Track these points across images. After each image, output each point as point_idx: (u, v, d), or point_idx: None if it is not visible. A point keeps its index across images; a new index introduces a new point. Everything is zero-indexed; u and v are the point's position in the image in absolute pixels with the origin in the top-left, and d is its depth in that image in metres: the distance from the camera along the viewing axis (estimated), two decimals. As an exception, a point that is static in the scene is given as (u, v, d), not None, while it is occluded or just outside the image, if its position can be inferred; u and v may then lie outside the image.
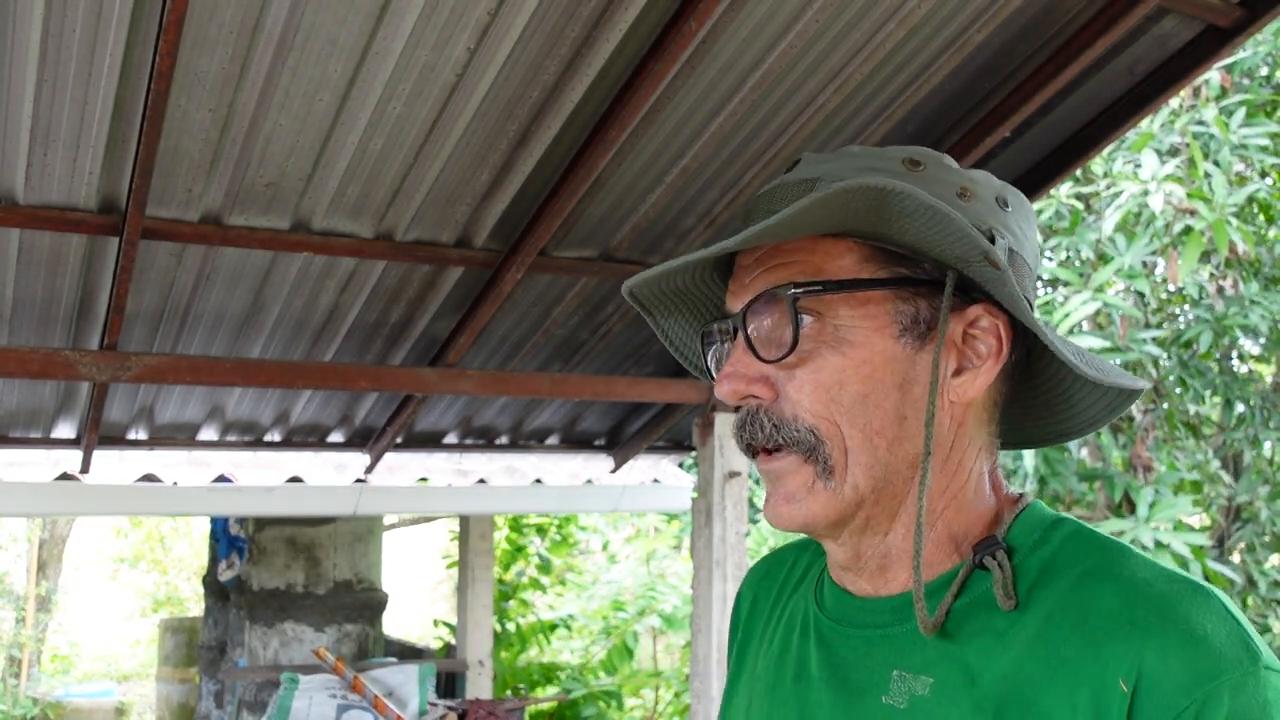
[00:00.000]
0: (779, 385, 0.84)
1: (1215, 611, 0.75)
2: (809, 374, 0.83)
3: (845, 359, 0.83)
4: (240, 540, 5.32)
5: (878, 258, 0.84)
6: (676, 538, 8.57)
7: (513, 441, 4.57)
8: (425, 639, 8.09)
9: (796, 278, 0.84)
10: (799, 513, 0.85)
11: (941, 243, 0.81)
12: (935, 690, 0.81)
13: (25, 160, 2.35)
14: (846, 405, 0.83)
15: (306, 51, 2.17)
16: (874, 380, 0.83)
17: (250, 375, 3.01)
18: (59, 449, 3.84)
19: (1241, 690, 0.71)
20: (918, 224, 0.79)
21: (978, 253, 0.79)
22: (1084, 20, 2.64)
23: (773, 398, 0.84)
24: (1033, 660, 0.78)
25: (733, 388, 0.85)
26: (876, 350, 0.83)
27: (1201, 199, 5.07)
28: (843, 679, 0.88)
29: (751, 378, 0.85)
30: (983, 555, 0.83)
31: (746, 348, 0.85)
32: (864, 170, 0.84)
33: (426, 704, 4.85)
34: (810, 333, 0.83)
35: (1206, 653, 0.72)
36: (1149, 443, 5.63)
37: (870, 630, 0.88)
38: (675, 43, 2.22)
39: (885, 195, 0.77)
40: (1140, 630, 0.75)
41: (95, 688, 10.46)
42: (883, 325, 0.83)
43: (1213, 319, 5.53)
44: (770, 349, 0.84)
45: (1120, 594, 0.77)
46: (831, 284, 0.83)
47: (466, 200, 2.80)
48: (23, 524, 11.68)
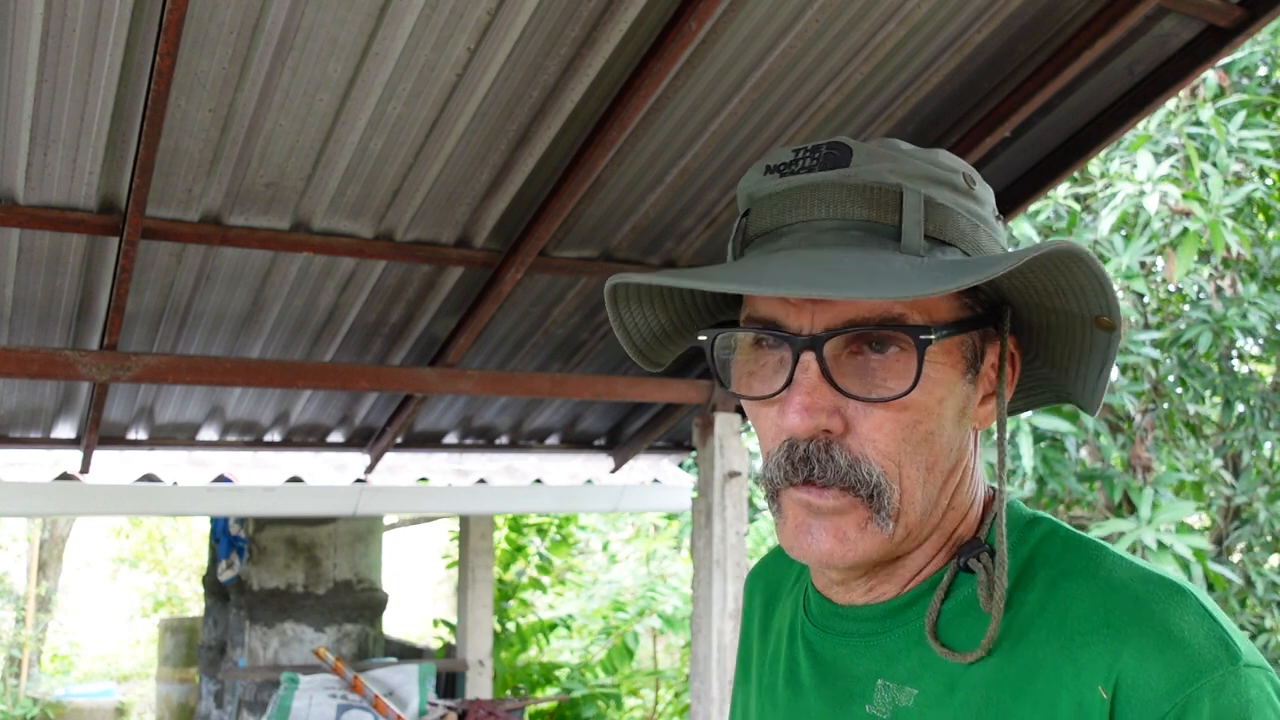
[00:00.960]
0: (850, 419, 0.79)
1: (1192, 611, 0.74)
2: (892, 413, 0.78)
3: (928, 398, 0.79)
4: (240, 540, 5.32)
5: (955, 293, 0.80)
6: (676, 538, 8.57)
7: (513, 441, 4.57)
8: (425, 639, 8.09)
9: (896, 309, 0.77)
10: (851, 554, 0.80)
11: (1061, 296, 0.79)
12: (918, 702, 0.81)
13: (25, 160, 2.35)
14: (915, 442, 0.79)
15: (306, 51, 2.17)
16: (942, 418, 0.80)
17: (250, 375, 3.01)
18: (59, 449, 3.84)
19: (1222, 691, 0.70)
20: (1061, 280, 0.78)
21: (1097, 312, 0.79)
22: (1084, 20, 2.64)
23: (843, 432, 0.79)
24: (1011, 665, 0.77)
25: (813, 422, 0.78)
26: (950, 387, 0.80)
27: (1197, 200, 5.07)
28: (829, 687, 0.88)
29: (829, 410, 0.78)
30: (967, 558, 0.82)
31: (823, 377, 0.78)
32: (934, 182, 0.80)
33: (426, 704, 4.85)
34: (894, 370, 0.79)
35: (1184, 655, 0.71)
36: (1148, 443, 5.63)
37: (856, 638, 0.87)
38: (675, 43, 2.22)
39: (1077, 260, 0.75)
40: (1117, 633, 0.73)
41: (95, 688, 10.46)
42: (956, 362, 0.81)
43: (1212, 319, 5.54)
44: (861, 384, 0.78)
45: (1096, 595, 0.76)
46: (952, 327, 0.78)
47: (466, 200, 2.81)
48: (23, 524, 11.68)
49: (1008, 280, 0.80)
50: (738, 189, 0.88)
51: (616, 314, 0.89)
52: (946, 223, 0.79)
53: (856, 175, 0.79)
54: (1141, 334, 5.49)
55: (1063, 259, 0.75)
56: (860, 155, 0.80)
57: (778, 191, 0.82)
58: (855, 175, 0.79)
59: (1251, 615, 5.73)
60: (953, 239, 0.80)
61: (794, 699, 0.91)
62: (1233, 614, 5.58)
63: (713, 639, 3.85)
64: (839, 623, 0.89)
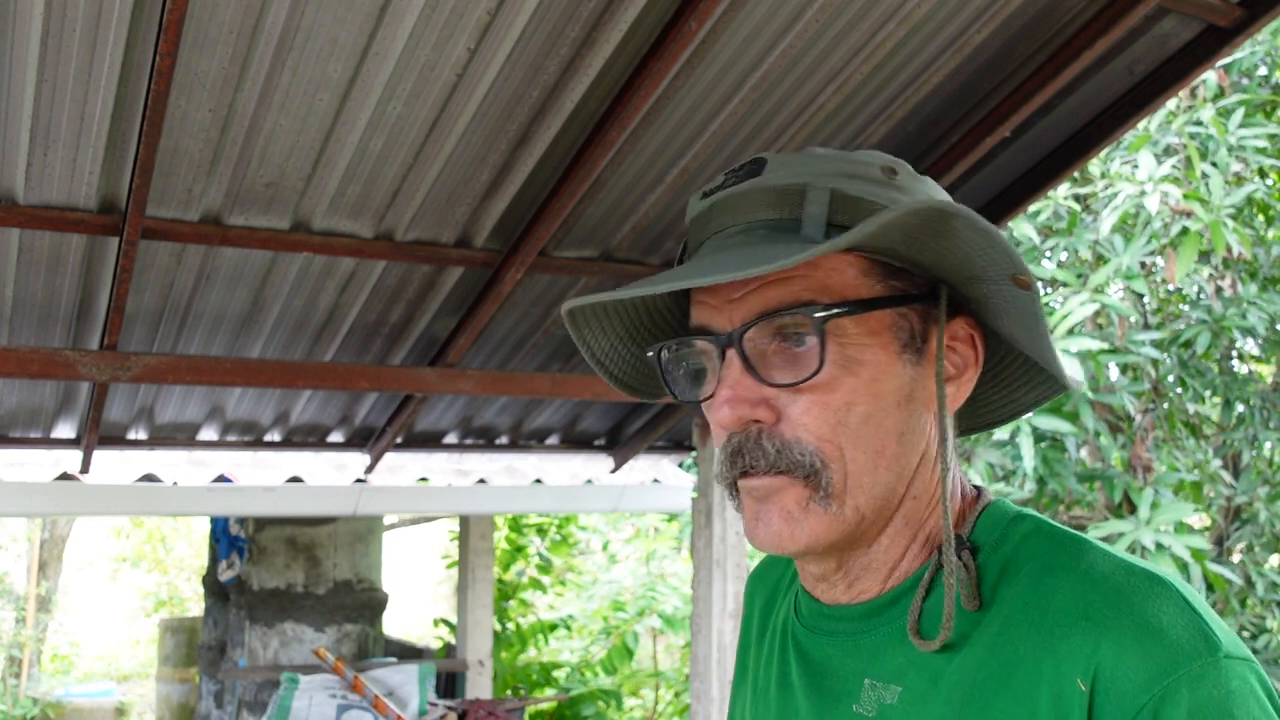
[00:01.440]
0: (781, 408, 0.81)
1: (1172, 602, 0.74)
2: (819, 396, 0.80)
3: (856, 379, 0.80)
4: (240, 540, 5.32)
5: (875, 271, 0.81)
6: (676, 538, 8.57)
7: (513, 441, 4.57)
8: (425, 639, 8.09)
9: (803, 295, 0.80)
10: (801, 534, 0.81)
11: (975, 261, 0.79)
12: (903, 699, 0.81)
13: (25, 160, 2.35)
14: (853, 427, 0.80)
15: (306, 51, 2.17)
16: (880, 399, 0.81)
17: (250, 375, 3.01)
18: (59, 449, 3.84)
19: (1200, 682, 0.70)
20: (960, 242, 0.78)
21: (1008, 271, 0.78)
22: (1084, 20, 2.64)
23: (774, 420, 0.81)
24: (992, 661, 0.77)
25: (737, 413, 0.81)
26: (883, 369, 0.81)
27: (1198, 200, 5.07)
28: (819, 686, 0.88)
29: (754, 401, 0.81)
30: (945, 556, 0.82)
31: (745, 370, 0.81)
32: (848, 176, 0.82)
33: (426, 704, 4.85)
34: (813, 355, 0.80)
35: (1162, 646, 0.71)
36: (1148, 443, 5.63)
37: (842, 638, 0.88)
38: (675, 43, 2.22)
39: (948, 218, 0.75)
40: (1095, 625, 0.74)
41: (95, 688, 10.46)
42: (887, 343, 0.81)
43: (1211, 319, 5.53)
44: (777, 371, 0.81)
45: (1076, 588, 0.76)
46: (854, 305, 0.80)
47: (466, 200, 2.81)
48: (23, 524, 11.68)
49: (925, 255, 0.80)
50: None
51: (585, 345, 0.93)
52: (858, 211, 0.81)
53: (764, 182, 0.83)
54: (1141, 334, 5.49)
55: (936, 218, 0.75)
56: (773, 165, 0.84)
57: (701, 211, 0.86)
58: (764, 182, 0.83)
59: (1252, 615, 5.73)
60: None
61: (785, 700, 0.92)
62: (1233, 614, 5.57)
63: (713, 639, 3.84)
64: (826, 622, 0.89)
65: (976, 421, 0.98)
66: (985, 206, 3.36)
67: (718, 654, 3.84)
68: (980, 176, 3.19)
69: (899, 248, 0.80)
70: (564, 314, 0.89)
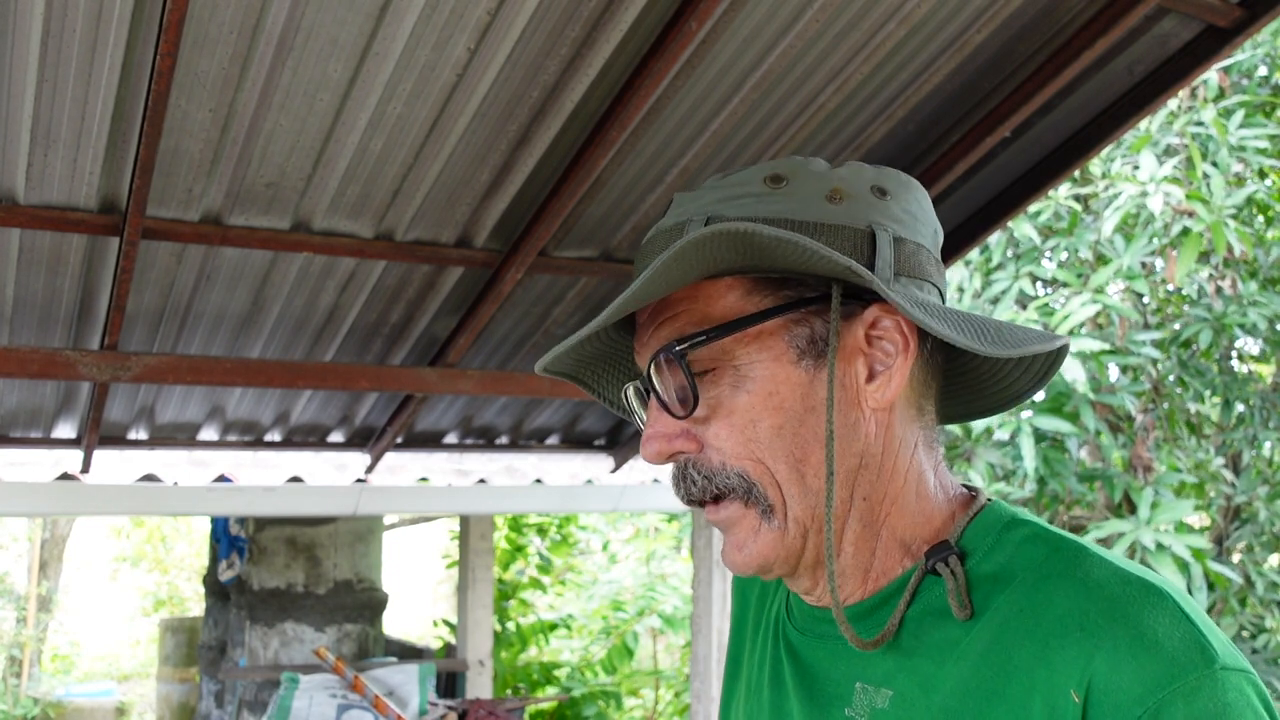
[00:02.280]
0: (700, 436, 0.84)
1: (1168, 613, 0.73)
2: (722, 420, 0.83)
3: (752, 396, 0.82)
4: (240, 540, 5.32)
5: (762, 287, 0.83)
6: (676, 538, 8.57)
7: (513, 441, 4.57)
8: (425, 639, 8.09)
9: (685, 329, 0.83)
10: (751, 558, 0.84)
11: (810, 266, 0.80)
12: (894, 703, 0.81)
13: (25, 160, 2.36)
14: (765, 441, 0.82)
15: (307, 51, 2.17)
16: (783, 411, 0.82)
17: (250, 375, 3.01)
18: (59, 449, 3.84)
19: (1195, 696, 0.69)
20: (780, 254, 0.79)
21: (842, 270, 0.79)
22: (1084, 20, 2.64)
23: (698, 449, 0.84)
24: (986, 668, 0.77)
25: (656, 449, 0.85)
26: (779, 380, 0.82)
27: (1200, 200, 5.07)
28: (810, 689, 0.88)
29: (673, 435, 0.85)
30: (935, 561, 0.82)
31: (659, 407, 0.85)
32: (725, 200, 0.84)
33: (427, 704, 4.85)
34: (711, 381, 0.83)
35: (1157, 659, 0.70)
36: (1149, 443, 5.63)
37: (833, 641, 0.87)
38: (675, 43, 2.22)
39: (736, 238, 0.77)
40: (1090, 636, 0.73)
41: (96, 687, 10.46)
42: (780, 354, 0.82)
43: (1212, 319, 5.53)
44: (677, 406, 0.84)
45: (1071, 596, 0.75)
46: (714, 330, 0.82)
47: (466, 200, 2.81)
48: (23, 524, 11.68)
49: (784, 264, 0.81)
50: None
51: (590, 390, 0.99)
52: None
53: (661, 225, 0.87)
54: (1142, 334, 5.49)
55: (731, 240, 0.77)
56: (674, 204, 0.88)
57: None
58: (660, 225, 0.87)
59: (1252, 615, 5.72)
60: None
61: (777, 700, 0.92)
62: (1232, 613, 5.57)
63: (713, 639, 3.85)
64: (817, 625, 0.90)
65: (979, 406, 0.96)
66: (985, 206, 3.36)
67: (718, 654, 3.84)
68: (980, 176, 3.19)
69: (751, 263, 0.81)
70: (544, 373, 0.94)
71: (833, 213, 0.83)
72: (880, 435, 0.84)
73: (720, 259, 0.79)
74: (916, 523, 0.85)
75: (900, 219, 0.85)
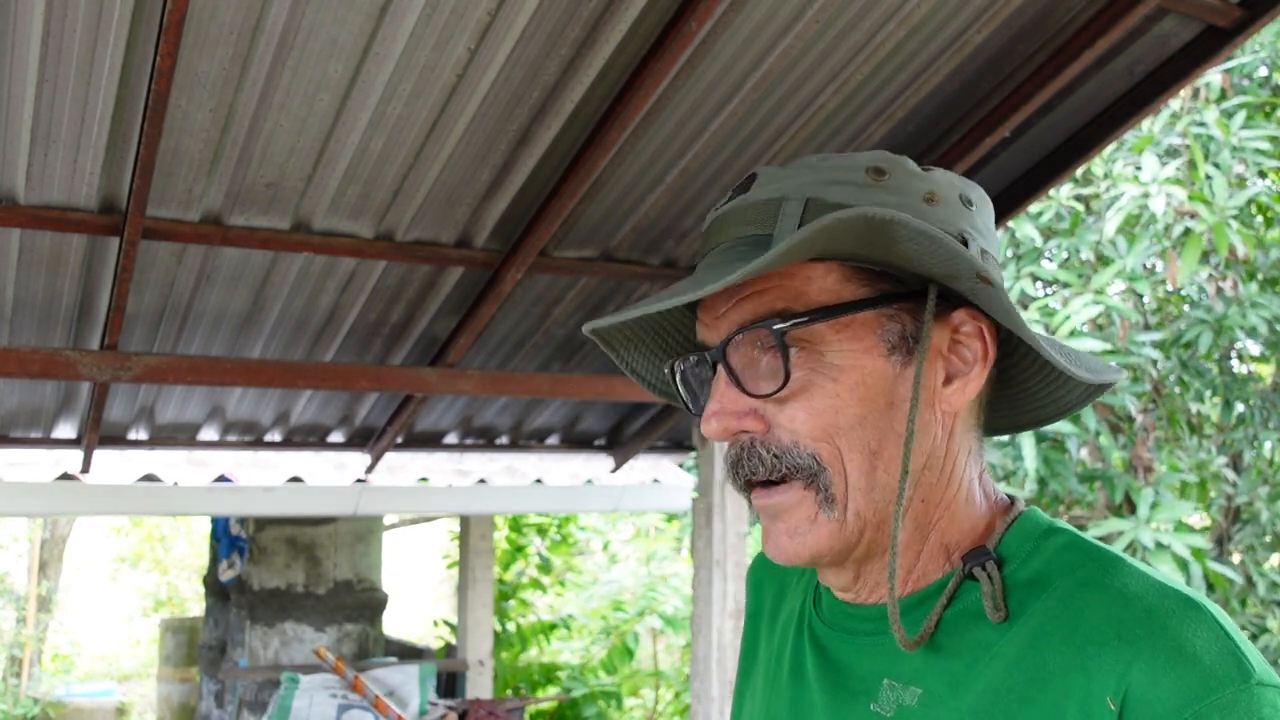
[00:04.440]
0: (769, 417, 0.82)
1: (1207, 627, 0.73)
2: (801, 404, 0.81)
3: (837, 384, 0.81)
4: (241, 540, 5.32)
5: (857, 276, 0.82)
6: (676, 538, 8.57)
7: (513, 441, 4.57)
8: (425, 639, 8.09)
9: (776, 306, 0.81)
10: (805, 547, 0.82)
11: (932, 263, 0.79)
12: (922, 701, 0.81)
13: (26, 160, 2.36)
14: (845, 429, 0.81)
15: (307, 52, 2.17)
16: (868, 402, 0.81)
17: (250, 375, 3.01)
18: (60, 449, 3.84)
19: (1232, 710, 0.69)
20: (910, 247, 0.78)
21: (970, 271, 0.79)
22: (1083, 21, 2.64)
23: (764, 430, 0.82)
24: (1019, 673, 0.77)
25: (723, 425, 0.82)
26: (867, 372, 0.81)
27: (1202, 201, 5.07)
28: (835, 683, 0.88)
29: (740, 413, 0.82)
30: (972, 566, 0.82)
31: (731, 383, 0.82)
32: (830, 183, 0.82)
33: (427, 704, 4.85)
34: (799, 362, 0.81)
35: (1195, 671, 0.71)
36: (1149, 443, 5.63)
37: (862, 637, 0.87)
38: (675, 43, 2.22)
39: (884, 225, 0.76)
40: (1128, 645, 0.73)
41: (96, 687, 10.46)
42: (870, 346, 0.82)
43: (1212, 319, 5.53)
44: (758, 383, 0.82)
45: (1109, 606, 0.76)
46: (818, 312, 0.80)
47: (467, 200, 2.81)
48: (23, 524, 11.68)
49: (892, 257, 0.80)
50: None
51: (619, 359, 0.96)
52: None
53: (749, 198, 0.84)
54: (1142, 335, 5.49)
55: (869, 226, 0.76)
56: (762, 179, 0.85)
57: (705, 227, 0.89)
58: (748, 198, 0.84)
59: (1252, 615, 5.72)
60: None
61: (798, 693, 0.92)
62: (1233, 614, 5.57)
63: (713, 639, 3.84)
64: (847, 620, 0.90)
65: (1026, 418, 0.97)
66: (985, 207, 3.35)
67: (718, 654, 3.84)
68: (980, 177, 3.19)
69: (862, 252, 0.80)
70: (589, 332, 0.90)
71: (930, 214, 0.82)
72: (945, 439, 0.84)
73: (843, 243, 0.78)
74: (961, 529, 0.86)
75: (982, 231, 0.86)
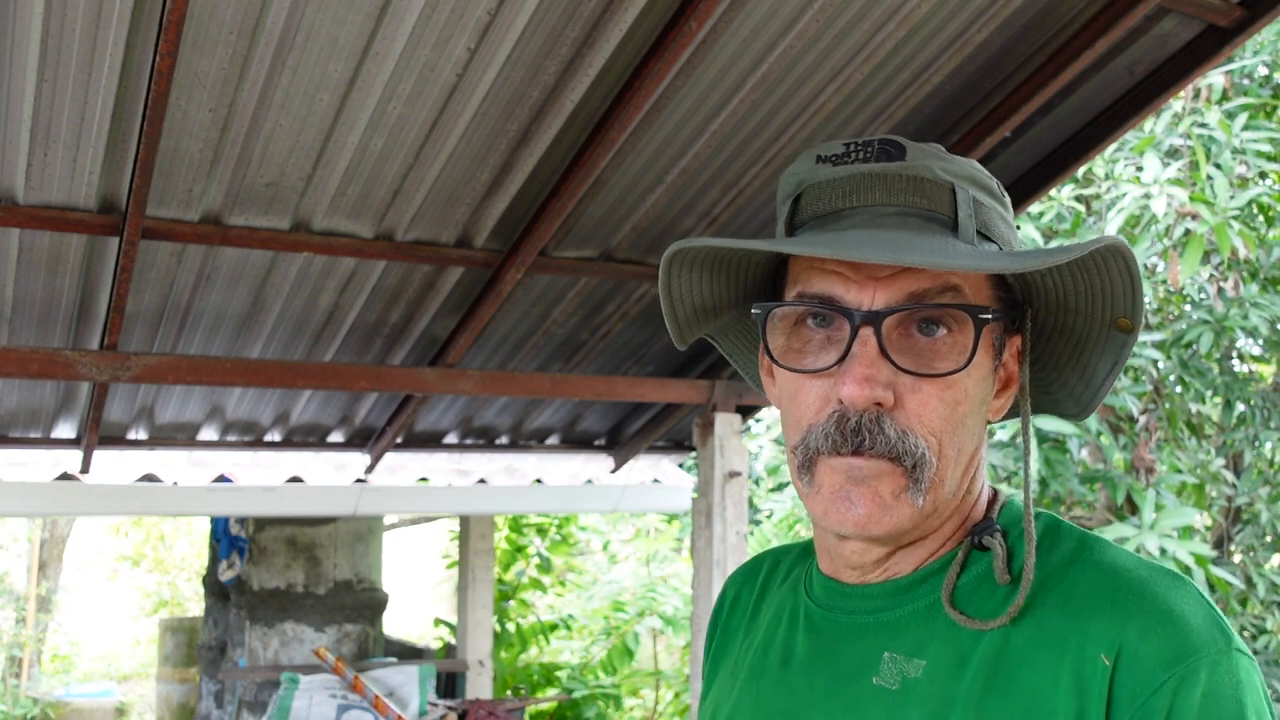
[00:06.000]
0: (901, 393, 0.82)
1: (1191, 596, 0.79)
2: (938, 391, 0.82)
3: (969, 379, 0.84)
4: (241, 540, 5.31)
5: (991, 281, 0.87)
6: (676, 539, 8.57)
7: (513, 441, 4.57)
8: (425, 639, 8.08)
9: (950, 283, 0.83)
10: (887, 520, 0.83)
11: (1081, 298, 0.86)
12: (928, 672, 0.84)
13: (25, 160, 2.35)
14: (955, 424, 0.84)
15: (307, 51, 2.17)
16: (974, 403, 0.86)
17: (250, 375, 3.01)
18: (59, 449, 3.84)
19: (1217, 669, 0.75)
20: (1104, 283, 0.83)
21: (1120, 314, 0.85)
22: (1084, 20, 2.63)
23: (892, 406, 0.82)
24: (1018, 636, 0.81)
25: (870, 393, 0.81)
26: (985, 372, 0.86)
27: (1204, 202, 5.07)
28: (832, 663, 0.90)
29: (885, 383, 0.82)
30: (981, 535, 0.87)
31: (880, 351, 0.81)
32: (977, 184, 0.87)
33: (427, 704, 4.85)
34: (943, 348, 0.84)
35: (1185, 632, 0.76)
36: (1151, 444, 5.62)
37: (861, 616, 0.90)
38: (675, 43, 2.22)
39: (1125, 262, 0.81)
40: (1121, 610, 0.79)
41: (95, 688, 10.45)
42: (988, 348, 0.86)
43: (1213, 320, 5.53)
44: (916, 359, 0.82)
45: (1101, 578, 0.82)
46: (997, 312, 0.84)
47: (466, 200, 2.80)
48: (23, 524, 11.68)
49: (1042, 278, 0.86)
50: (786, 175, 0.92)
51: (667, 282, 0.91)
52: (989, 221, 0.87)
53: (912, 168, 0.85)
54: (1143, 335, 5.49)
55: (1112, 255, 0.80)
56: (914, 152, 0.86)
57: (837, 178, 0.87)
58: (911, 168, 0.85)
59: (1252, 616, 5.72)
60: (994, 236, 0.87)
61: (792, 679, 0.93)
62: (1233, 615, 5.56)
63: (713, 639, 3.84)
64: (845, 601, 0.92)
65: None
66: (986, 207, 3.35)
67: (718, 654, 3.84)
68: (981, 177, 3.19)
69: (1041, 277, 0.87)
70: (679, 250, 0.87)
71: (1016, 236, 0.91)
72: (981, 438, 0.90)
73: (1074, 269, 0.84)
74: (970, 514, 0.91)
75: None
